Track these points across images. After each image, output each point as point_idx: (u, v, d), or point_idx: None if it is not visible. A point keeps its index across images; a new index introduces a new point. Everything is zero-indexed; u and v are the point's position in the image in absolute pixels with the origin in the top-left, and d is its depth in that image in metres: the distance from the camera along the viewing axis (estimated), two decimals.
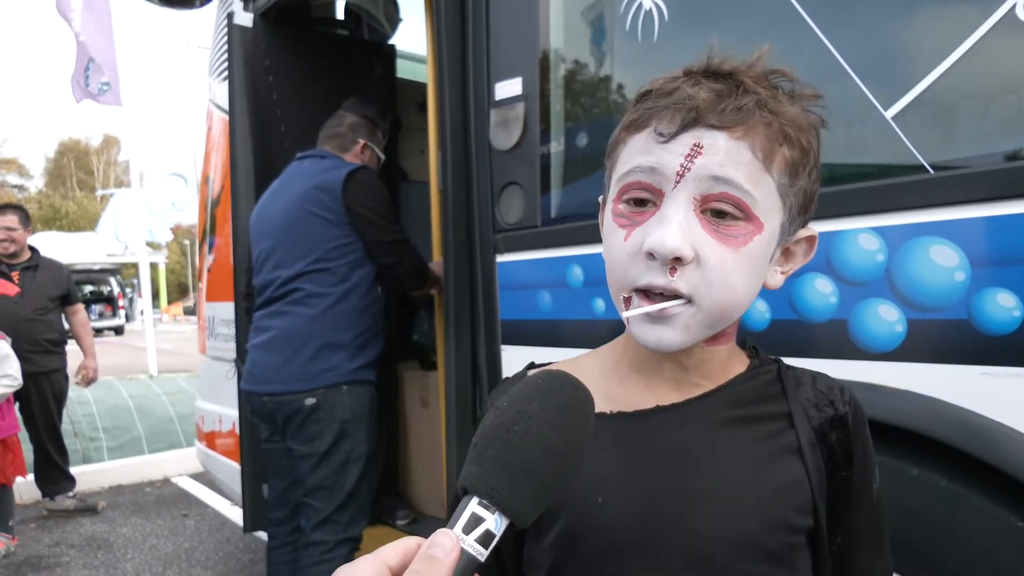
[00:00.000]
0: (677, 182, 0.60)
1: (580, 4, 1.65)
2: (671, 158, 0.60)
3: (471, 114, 1.82)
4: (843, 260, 1.15)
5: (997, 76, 1.04)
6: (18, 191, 41.60)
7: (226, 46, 2.68)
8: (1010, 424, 0.99)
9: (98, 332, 16.70)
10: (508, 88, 1.72)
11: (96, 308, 19.42)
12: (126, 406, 5.51)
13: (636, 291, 0.62)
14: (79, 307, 4.29)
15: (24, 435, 3.83)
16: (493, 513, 0.43)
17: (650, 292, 0.61)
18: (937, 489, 1.07)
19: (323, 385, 2.09)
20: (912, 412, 1.07)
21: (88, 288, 19.55)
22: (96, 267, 19.99)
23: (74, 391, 4.52)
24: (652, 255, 0.60)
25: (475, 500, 0.44)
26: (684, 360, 0.68)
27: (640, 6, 1.48)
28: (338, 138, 2.30)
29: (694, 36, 1.42)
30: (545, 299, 1.65)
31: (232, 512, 4.15)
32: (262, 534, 2.69)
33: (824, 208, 0.77)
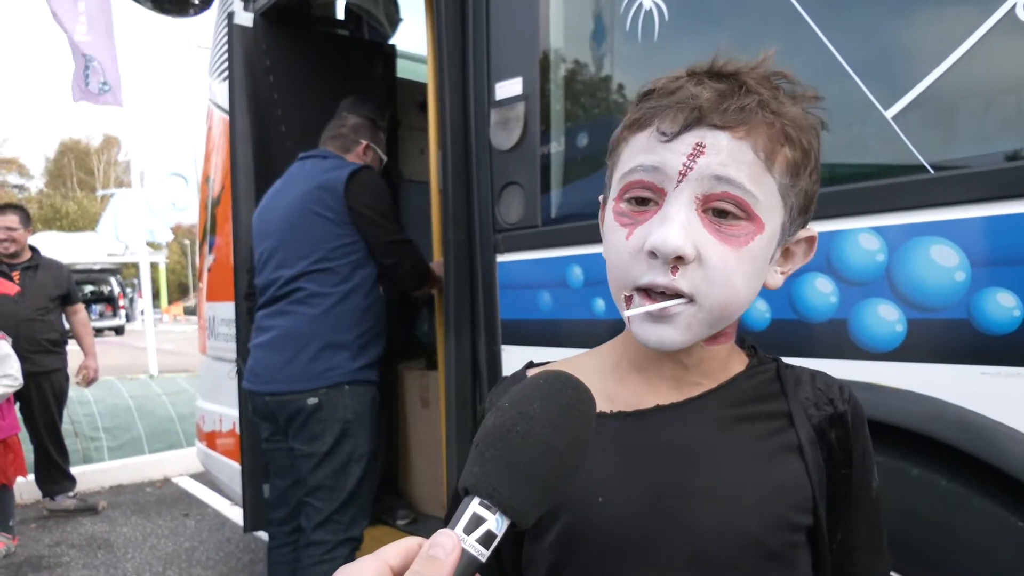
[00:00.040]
0: (679, 181, 0.60)
1: (580, 4, 1.65)
2: (674, 157, 0.60)
3: (471, 114, 1.82)
4: (843, 260, 1.15)
5: (997, 76, 1.04)
6: (18, 191, 41.60)
7: (226, 46, 2.68)
8: (1010, 424, 0.99)
9: (98, 332, 16.69)
10: (508, 88, 1.72)
11: (96, 308, 19.43)
12: (126, 406, 5.51)
13: (637, 290, 0.63)
14: (79, 307, 4.29)
15: (24, 435, 3.83)
16: (494, 513, 0.43)
17: (651, 291, 0.62)
18: (937, 489, 1.07)
19: (325, 385, 2.09)
20: (912, 412, 1.07)
21: (88, 288, 19.55)
22: (96, 267, 19.99)
23: (74, 391, 4.52)
24: (654, 254, 0.60)
25: (476, 500, 0.44)
26: (684, 359, 0.68)
27: (640, 6, 1.48)
28: (341, 139, 2.30)
29: (694, 36, 1.42)
30: (545, 299, 1.65)
31: (232, 512, 4.15)
32: (262, 534, 2.69)
33: (824, 208, 0.77)
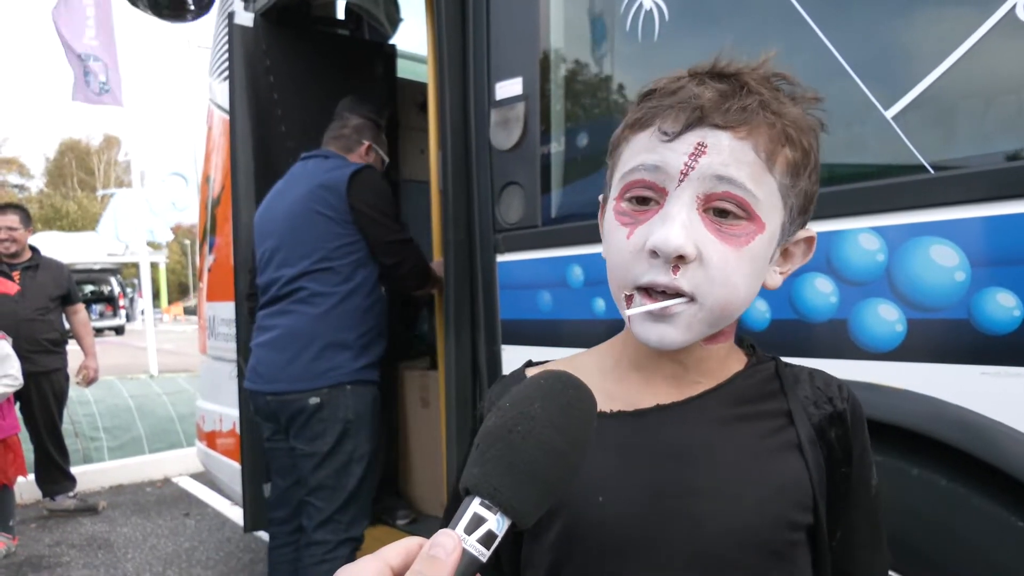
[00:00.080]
0: (681, 181, 0.60)
1: (580, 4, 1.65)
2: (675, 157, 0.60)
3: (471, 114, 1.82)
4: (843, 260, 1.15)
5: (997, 76, 1.04)
6: (19, 191, 41.59)
7: (227, 46, 2.68)
8: (1010, 424, 0.99)
9: (99, 332, 16.69)
10: (508, 88, 1.72)
11: (97, 308, 19.43)
12: (127, 406, 5.51)
13: (638, 289, 0.63)
14: (80, 307, 4.29)
15: (25, 435, 3.83)
16: (495, 514, 0.43)
17: (652, 290, 0.62)
18: (937, 489, 1.07)
19: (327, 384, 2.09)
20: (912, 412, 1.07)
21: (89, 288, 19.55)
22: (97, 267, 19.98)
23: (74, 391, 4.52)
24: (655, 253, 0.60)
25: (477, 500, 0.44)
26: (683, 358, 0.68)
27: (640, 6, 1.48)
28: (343, 140, 2.31)
29: (694, 36, 1.42)
30: (545, 299, 1.65)
31: (233, 512, 4.15)
32: (263, 534, 2.69)
33: (824, 208, 0.77)
